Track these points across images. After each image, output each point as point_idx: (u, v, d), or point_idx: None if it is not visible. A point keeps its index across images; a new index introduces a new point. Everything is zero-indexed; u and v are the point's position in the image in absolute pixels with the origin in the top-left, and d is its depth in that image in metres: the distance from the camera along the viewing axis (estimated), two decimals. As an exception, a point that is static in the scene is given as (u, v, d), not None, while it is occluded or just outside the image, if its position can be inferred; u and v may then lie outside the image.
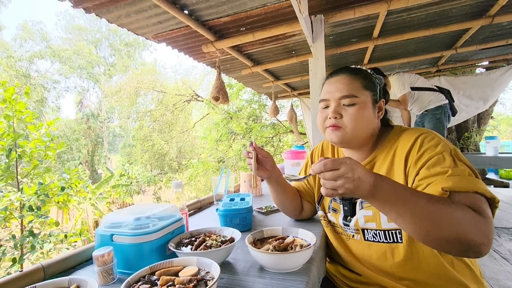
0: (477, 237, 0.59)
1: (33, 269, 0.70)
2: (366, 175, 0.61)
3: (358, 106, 0.83)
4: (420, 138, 0.78)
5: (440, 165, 0.70)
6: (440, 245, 0.63)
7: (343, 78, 0.86)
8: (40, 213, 3.67)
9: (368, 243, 0.84)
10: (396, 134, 0.87)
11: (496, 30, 2.84)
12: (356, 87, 0.84)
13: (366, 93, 0.85)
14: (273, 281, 0.67)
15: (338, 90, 0.85)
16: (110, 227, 0.76)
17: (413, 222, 0.62)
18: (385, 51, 3.29)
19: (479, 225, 0.60)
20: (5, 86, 3.71)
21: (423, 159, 0.74)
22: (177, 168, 16.75)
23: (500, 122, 13.94)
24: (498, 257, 1.98)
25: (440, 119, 2.95)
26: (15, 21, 41.08)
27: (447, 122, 3.00)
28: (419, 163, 0.74)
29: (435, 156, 0.72)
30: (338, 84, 0.86)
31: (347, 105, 0.84)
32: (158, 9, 1.88)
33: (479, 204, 0.63)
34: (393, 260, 0.79)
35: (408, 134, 0.82)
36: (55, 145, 4.17)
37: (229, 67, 3.41)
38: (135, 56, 22.07)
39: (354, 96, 0.83)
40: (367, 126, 0.85)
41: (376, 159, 0.88)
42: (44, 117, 16.94)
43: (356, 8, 2.01)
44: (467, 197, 0.64)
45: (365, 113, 0.84)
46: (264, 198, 1.61)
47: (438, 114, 2.96)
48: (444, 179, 0.67)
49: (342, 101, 0.85)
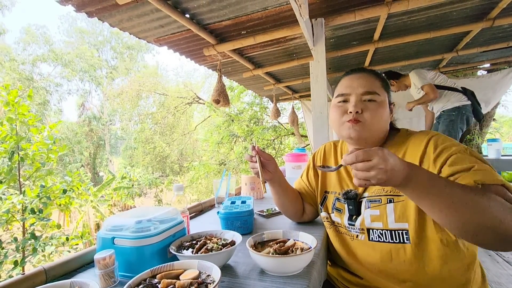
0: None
1: (35, 272, 0.71)
2: (399, 165, 0.61)
3: (379, 103, 0.84)
4: (433, 139, 0.78)
5: (463, 163, 0.70)
6: (475, 235, 0.61)
7: (366, 76, 0.88)
8: (42, 216, 3.68)
9: (372, 244, 0.84)
10: (403, 136, 0.87)
11: (497, 32, 2.84)
12: (378, 86, 0.87)
13: (384, 93, 0.87)
14: (273, 285, 0.67)
15: (361, 86, 0.86)
16: (111, 230, 0.77)
17: (449, 211, 0.61)
18: (386, 53, 3.29)
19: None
20: (8, 89, 3.73)
21: (442, 157, 0.74)
22: (178, 170, 16.77)
23: (502, 124, 13.89)
24: (501, 260, 1.97)
25: (454, 121, 2.74)
26: (19, 25, 41.48)
27: (463, 125, 2.76)
28: (438, 161, 0.74)
29: (454, 155, 0.72)
30: (361, 80, 0.87)
31: (368, 100, 0.85)
32: (160, 13, 1.89)
33: (509, 195, 0.64)
34: (398, 261, 0.79)
35: (418, 137, 0.82)
36: (57, 147, 4.19)
37: (230, 70, 3.43)
38: (137, 59, 22.20)
39: (377, 93, 0.85)
40: (384, 125, 0.86)
41: None
42: (47, 120, 17.03)
43: (356, 11, 2.02)
44: (497, 189, 0.65)
45: (384, 111, 0.85)
46: (265, 201, 1.61)
47: (453, 116, 2.76)
48: (472, 173, 0.67)
49: (364, 97, 0.85)
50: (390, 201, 0.81)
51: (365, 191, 0.89)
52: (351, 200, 0.90)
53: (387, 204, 0.81)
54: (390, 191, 0.82)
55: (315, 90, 2.13)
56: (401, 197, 0.79)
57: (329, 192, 1.01)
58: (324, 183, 1.05)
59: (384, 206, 0.81)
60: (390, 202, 0.80)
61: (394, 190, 0.81)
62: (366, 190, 0.89)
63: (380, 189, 0.84)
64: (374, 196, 0.85)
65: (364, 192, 0.89)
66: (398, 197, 0.80)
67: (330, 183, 1.02)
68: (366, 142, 0.88)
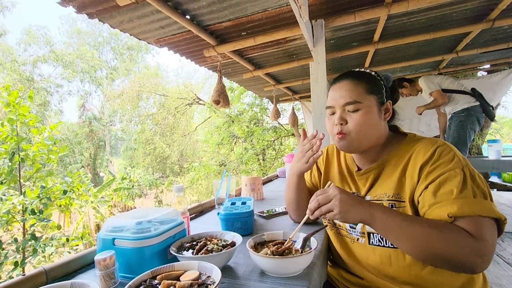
0: (468, 258, 0.64)
1: (35, 273, 0.71)
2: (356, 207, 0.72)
3: (362, 111, 0.84)
4: (438, 150, 0.77)
5: (449, 184, 0.71)
6: (433, 264, 0.71)
7: (346, 84, 0.87)
8: (42, 217, 3.68)
9: (373, 247, 0.84)
10: (410, 142, 0.86)
11: (497, 33, 2.85)
12: (360, 92, 0.85)
13: (370, 97, 0.85)
14: (274, 286, 0.67)
15: (342, 97, 0.86)
16: (112, 231, 0.77)
17: (407, 242, 0.70)
18: (386, 55, 3.30)
19: (472, 247, 0.64)
20: (9, 90, 3.73)
21: (434, 174, 0.74)
22: (178, 171, 16.77)
23: (502, 125, 13.88)
24: (502, 262, 1.96)
25: (463, 122, 2.81)
26: (19, 26, 41.47)
27: (475, 125, 2.82)
28: (429, 177, 0.75)
29: (447, 173, 0.73)
30: (341, 91, 0.87)
31: (351, 111, 0.85)
32: (160, 14, 1.90)
33: (478, 227, 0.66)
34: (398, 265, 0.79)
35: (425, 144, 0.81)
36: (57, 148, 4.18)
37: (230, 71, 3.43)
38: (137, 60, 22.22)
39: (358, 102, 0.84)
40: (372, 130, 0.86)
41: (385, 164, 0.87)
42: (47, 121, 17.04)
43: (356, 12, 2.02)
44: (469, 221, 0.67)
45: (370, 117, 0.84)
46: (265, 202, 1.61)
47: (462, 117, 2.82)
48: (449, 203, 0.69)
49: (346, 108, 0.86)
50: (391, 206, 0.81)
51: (367, 195, 0.89)
52: None
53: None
54: (392, 196, 0.81)
55: (315, 91, 2.13)
56: (402, 203, 0.79)
57: None
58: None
59: None
60: (391, 207, 0.80)
61: (396, 196, 0.81)
62: (368, 194, 0.89)
63: (382, 193, 0.84)
64: (376, 200, 0.85)
65: (366, 195, 0.89)
66: (400, 202, 0.80)
67: None
68: (359, 150, 0.89)
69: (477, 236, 0.65)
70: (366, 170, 0.90)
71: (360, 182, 0.93)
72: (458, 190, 0.69)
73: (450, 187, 0.71)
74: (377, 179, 0.88)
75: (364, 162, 0.93)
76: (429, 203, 0.73)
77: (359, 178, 0.93)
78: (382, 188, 0.85)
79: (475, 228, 0.66)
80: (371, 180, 0.89)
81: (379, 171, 0.88)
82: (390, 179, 0.83)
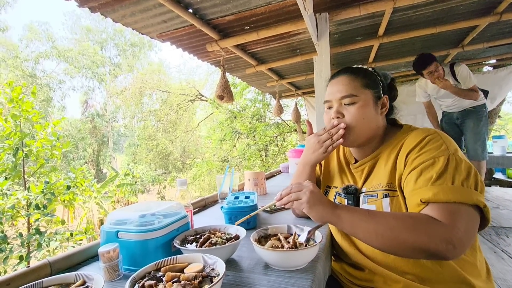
0: (438, 246, 0.62)
1: (40, 265, 0.71)
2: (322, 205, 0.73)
3: (358, 104, 0.86)
4: (427, 138, 0.77)
5: (430, 171, 0.71)
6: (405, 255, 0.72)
7: (343, 79, 0.89)
8: (46, 212, 3.71)
9: None
10: (404, 132, 0.86)
11: (504, 27, 2.80)
12: (356, 86, 0.87)
13: (366, 91, 0.87)
14: (278, 279, 0.66)
15: (338, 91, 0.89)
16: (115, 224, 0.77)
17: (368, 235, 0.69)
18: (390, 49, 3.26)
19: (442, 234, 0.62)
20: (12, 86, 3.75)
21: (418, 160, 0.74)
22: (181, 167, 16.83)
23: (507, 121, 13.73)
24: (506, 257, 1.95)
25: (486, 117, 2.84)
26: (21, 21, 41.60)
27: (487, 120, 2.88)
28: (414, 163, 0.75)
29: (430, 160, 0.72)
30: (338, 85, 0.89)
31: (347, 104, 0.87)
32: (163, 8, 1.88)
33: (450, 214, 0.65)
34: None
35: (417, 133, 0.81)
36: (61, 144, 4.21)
37: (233, 66, 3.41)
38: (140, 57, 22.20)
39: (354, 95, 0.86)
40: (369, 123, 0.86)
41: (379, 155, 0.88)
42: (50, 117, 17.13)
43: (361, 5, 1.99)
44: (443, 207, 0.66)
45: (366, 110, 0.86)
46: (268, 197, 1.61)
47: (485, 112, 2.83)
48: (426, 189, 0.69)
49: (343, 101, 0.88)
50: (385, 195, 0.81)
51: (363, 186, 0.90)
52: (350, 195, 0.91)
53: (383, 199, 0.82)
54: (386, 185, 0.82)
55: (319, 85, 2.11)
56: (395, 192, 0.80)
57: (331, 186, 1.02)
58: (326, 177, 1.06)
59: (380, 201, 0.82)
60: (385, 197, 0.81)
61: (390, 186, 0.82)
62: (364, 185, 0.90)
63: (377, 184, 0.85)
64: (371, 192, 0.86)
65: (362, 187, 0.90)
66: (393, 192, 0.81)
67: (332, 178, 1.03)
68: (357, 143, 0.89)
69: (448, 223, 0.63)
70: (362, 162, 0.92)
71: (356, 175, 0.95)
72: (436, 176, 0.69)
73: (430, 173, 0.70)
74: (372, 170, 0.90)
75: (361, 155, 0.94)
76: (409, 189, 0.73)
77: (355, 170, 0.95)
78: (377, 179, 0.86)
79: (447, 214, 0.65)
80: (367, 172, 0.91)
81: (373, 162, 0.89)
82: (384, 170, 0.84)
